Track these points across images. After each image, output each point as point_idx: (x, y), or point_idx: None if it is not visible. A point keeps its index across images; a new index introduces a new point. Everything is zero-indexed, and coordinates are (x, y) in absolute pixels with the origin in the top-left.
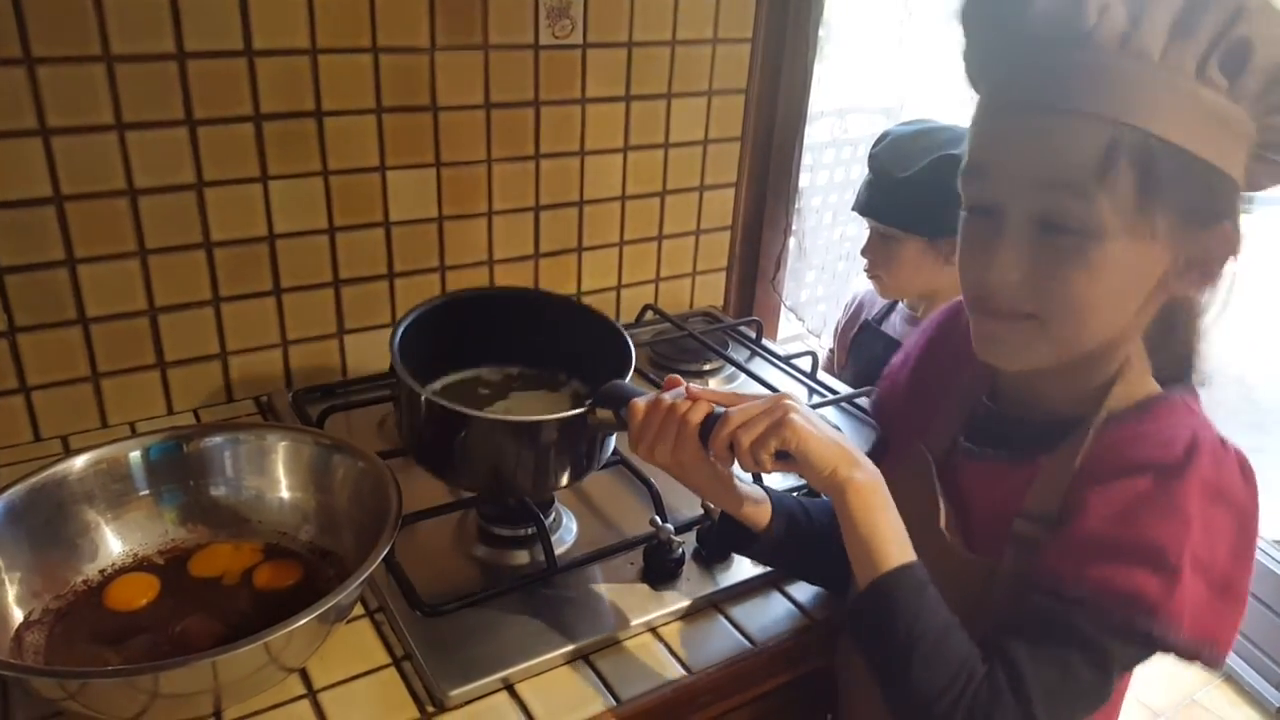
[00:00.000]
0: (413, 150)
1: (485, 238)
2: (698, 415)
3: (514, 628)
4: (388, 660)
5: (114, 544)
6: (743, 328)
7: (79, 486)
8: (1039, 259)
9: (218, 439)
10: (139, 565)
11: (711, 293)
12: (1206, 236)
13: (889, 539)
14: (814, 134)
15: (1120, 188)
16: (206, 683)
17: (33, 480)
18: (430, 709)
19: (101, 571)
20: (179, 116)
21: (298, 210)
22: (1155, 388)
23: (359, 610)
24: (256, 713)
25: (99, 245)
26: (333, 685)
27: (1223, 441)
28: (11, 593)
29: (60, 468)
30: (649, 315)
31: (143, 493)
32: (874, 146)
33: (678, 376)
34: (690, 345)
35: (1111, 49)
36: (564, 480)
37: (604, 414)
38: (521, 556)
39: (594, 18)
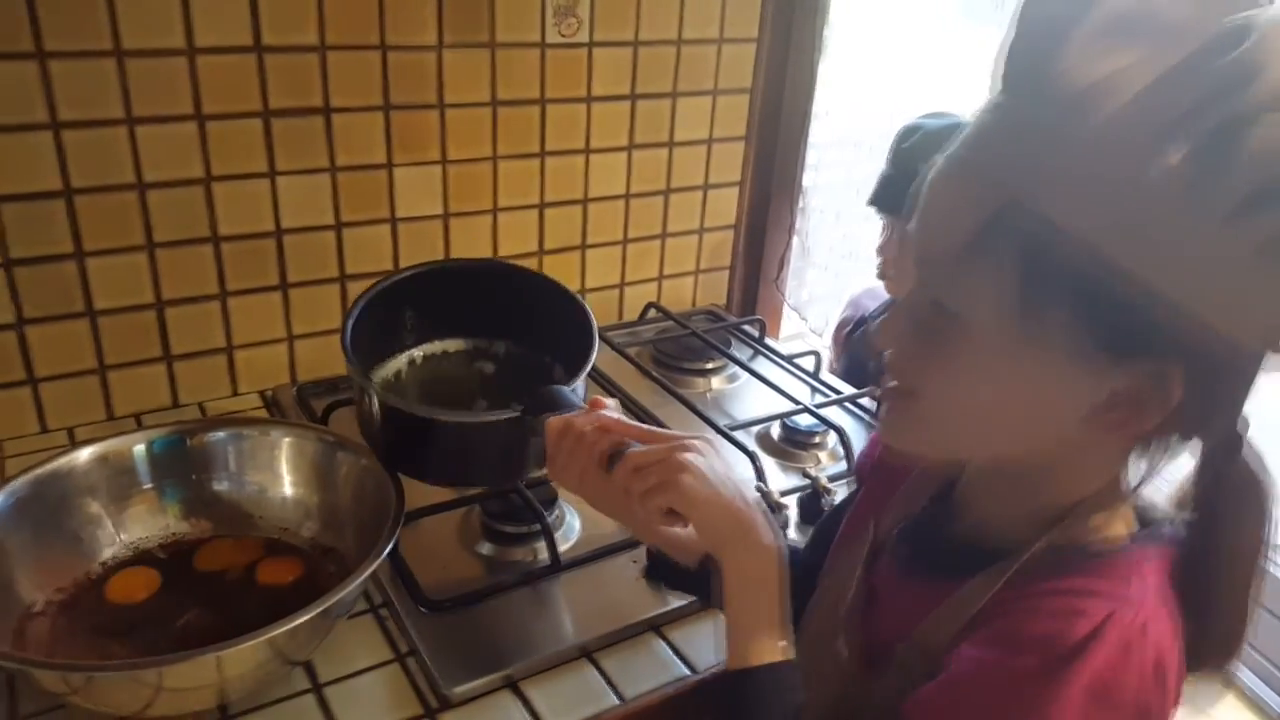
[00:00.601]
0: (419, 147)
1: (490, 234)
2: (602, 447)
3: (518, 625)
4: (392, 656)
5: (116, 537)
6: (746, 327)
7: (83, 479)
8: (924, 333)
9: (221, 434)
10: (140, 559)
11: (714, 291)
12: (1125, 373)
13: (758, 630)
14: (818, 133)
15: (994, 273)
16: (211, 677)
17: (37, 472)
18: (434, 705)
19: (103, 564)
20: (189, 111)
21: (305, 205)
22: (1121, 532)
23: (363, 605)
24: (262, 707)
25: (107, 238)
26: (337, 680)
27: (1145, 629)
28: (15, 584)
29: (65, 460)
30: (652, 313)
31: (146, 486)
32: (902, 141)
33: (601, 399)
34: (693, 344)
35: (1082, 121)
36: (530, 470)
37: (538, 420)
38: (525, 553)
39: (600, 17)
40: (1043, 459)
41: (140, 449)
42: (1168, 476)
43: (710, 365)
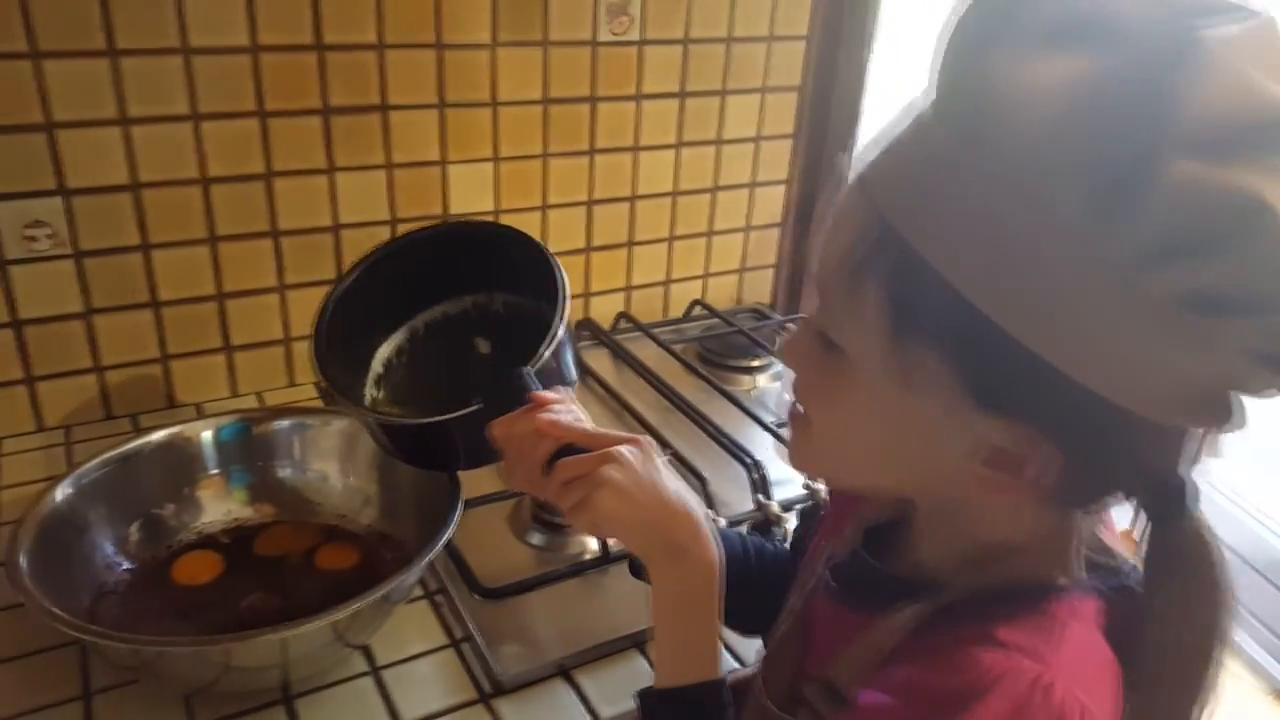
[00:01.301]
0: (472, 145)
1: (539, 230)
2: (540, 455)
3: (569, 615)
4: (447, 641)
5: (182, 520)
6: (791, 324)
7: (152, 463)
8: (816, 355)
9: (285, 423)
10: (205, 542)
11: (759, 289)
12: (992, 425)
13: (686, 647)
14: (868, 131)
15: (869, 308)
16: (275, 657)
17: (109, 455)
18: (489, 690)
19: (168, 547)
20: (252, 108)
21: (362, 202)
22: (1045, 572)
23: (418, 591)
24: (322, 688)
25: (172, 231)
26: (394, 664)
27: (1049, 689)
28: (86, 564)
29: (135, 445)
30: (697, 310)
31: (213, 472)
32: None
33: (545, 395)
34: (739, 341)
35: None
36: None
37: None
38: (575, 545)
39: (652, 14)
40: (964, 498)
41: (208, 435)
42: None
43: (756, 363)
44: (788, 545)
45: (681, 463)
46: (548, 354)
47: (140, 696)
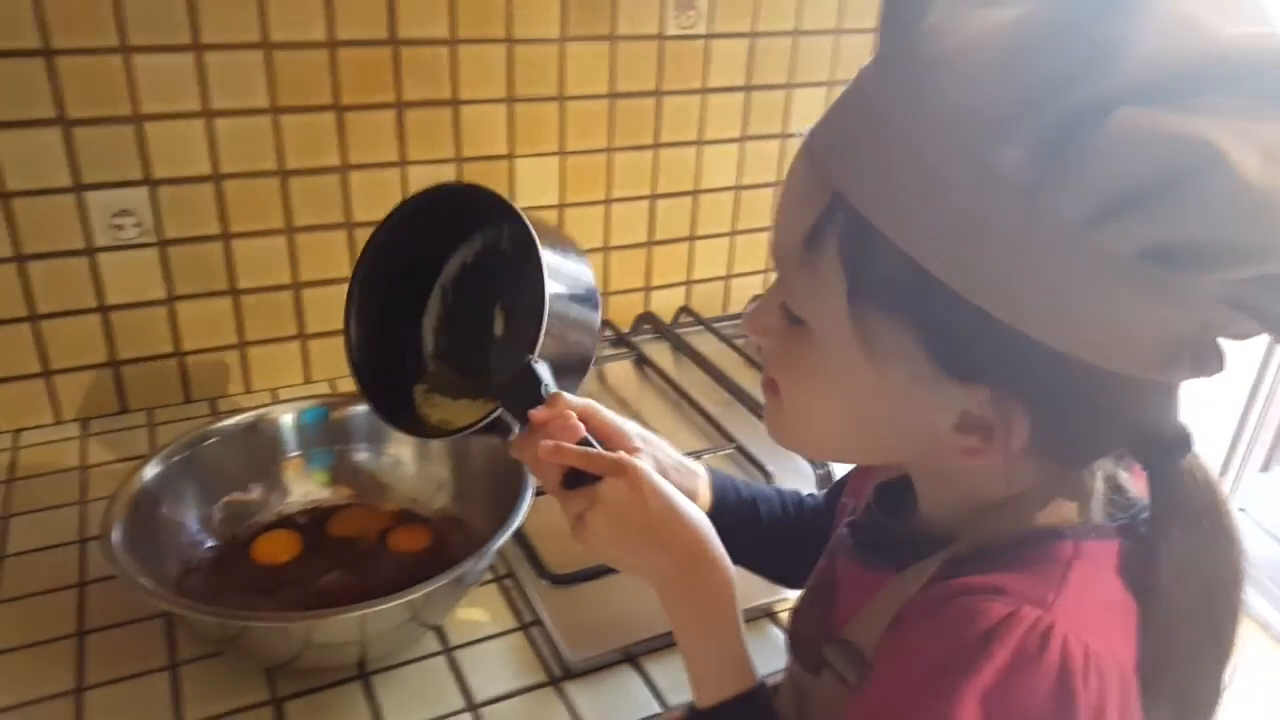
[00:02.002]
0: (539, 139)
1: (602, 224)
2: (551, 479)
3: (636, 602)
4: (516, 625)
5: (263, 501)
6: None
7: (236, 445)
8: (781, 329)
9: (363, 408)
10: (283, 522)
11: None
12: (959, 391)
13: (716, 666)
14: None
15: (827, 278)
16: (354, 634)
17: (194, 436)
18: (558, 674)
19: (249, 526)
20: (328, 102)
21: None
22: (1053, 519)
23: (488, 575)
24: (397, 666)
25: (251, 221)
26: (466, 644)
27: (1047, 634)
28: (174, 540)
29: (219, 426)
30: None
31: (293, 454)
32: None
33: (539, 414)
34: None
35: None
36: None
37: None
38: None
39: (719, 8)
40: (945, 466)
41: (289, 419)
42: None
43: None
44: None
45: (745, 457)
46: (546, 339)
47: (223, 669)
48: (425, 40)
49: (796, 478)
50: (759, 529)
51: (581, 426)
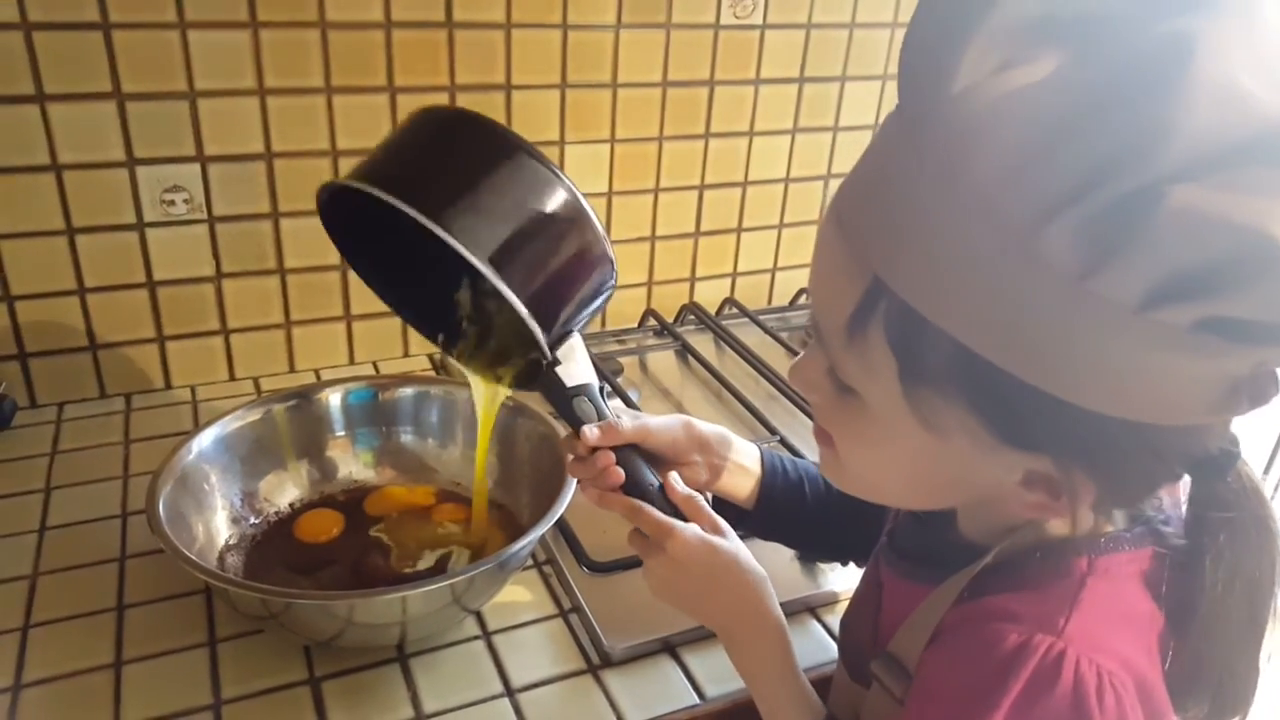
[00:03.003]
0: (591, 125)
1: (650, 213)
2: (618, 480)
3: None
4: (555, 611)
5: (307, 480)
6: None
7: (282, 423)
8: (830, 391)
9: (409, 390)
10: (325, 501)
11: None
12: (1023, 458)
13: (782, 709)
14: None
15: (876, 356)
16: (396, 615)
17: (241, 412)
18: (597, 661)
19: (292, 505)
20: (382, 83)
21: None
22: (1082, 535)
23: (529, 562)
24: (436, 649)
25: (300, 201)
26: (505, 629)
27: (1060, 658)
28: (217, 517)
29: (266, 404)
30: (804, 299)
31: (339, 434)
32: None
33: (572, 465)
34: None
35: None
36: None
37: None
38: None
39: None
40: (995, 501)
41: (336, 399)
42: None
43: None
44: None
45: (788, 449)
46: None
47: (264, 646)
48: (480, 24)
49: None
50: (806, 509)
51: (620, 474)
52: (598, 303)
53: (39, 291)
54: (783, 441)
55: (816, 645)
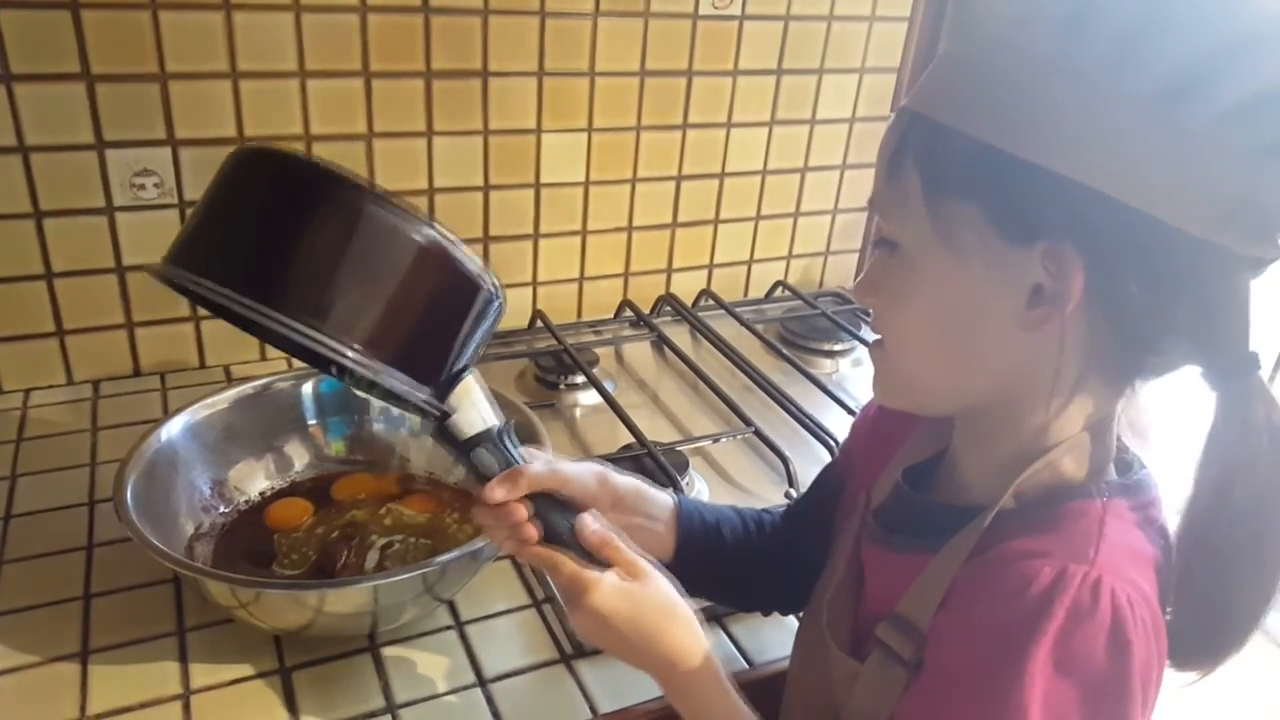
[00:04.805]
0: (568, 114)
1: (627, 204)
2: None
3: None
4: (529, 602)
5: (276, 468)
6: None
7: (253, 411)
8: (881, 266)
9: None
10: (295, 489)
11: (843, 273)
12: (1023, 257)
13: None
14: None
15: (908, 186)
16: (367, 604)
17: (208, 401)
18: (570, 652)
19: (262, 493)
20: (357, 68)
21: (457, 166)
22: (1078, 475)
23: (501, 552)
24: (408, 638)
25: None
26: (478, 619)
27: (1096, 588)
28: (185, 506)
29: (234, 392)
30: (780, 292)
31: (311, 422)
32: None
33: (492, 495)
34: (821, 324)
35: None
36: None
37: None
38: None
39: None
40: (1011, 400)
41: (308, 387)
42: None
43: (838, 347)
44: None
45: (763, 440)
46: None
47: (233, 636)
48: (458, 9)
49: (814, 466)
50: (726, 552)
51: (534, 532)
52: (482, 333)
53: (5, 276)
54: (758, 433)
55: (726, 655)
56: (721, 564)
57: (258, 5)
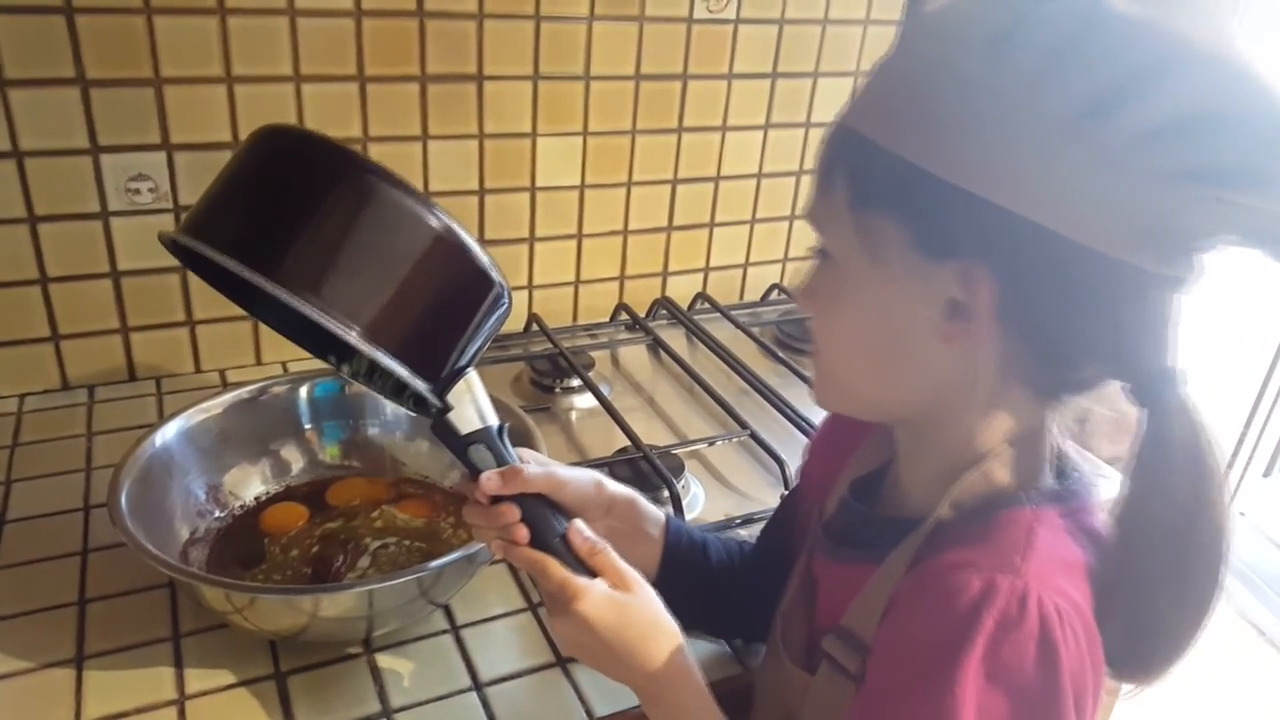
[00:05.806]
0: (563, 118)
1: (623, 208)
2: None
3: None
4: (524, 605)
5: (271, 472)
6: None
7: (248, 416)
8: (815, 278)
9: None
10: (290, 494)
11: None
12: (939, 272)
13: None
14: None
15: (837, 198)
16: (362, 609)
17: (203, 406)
18: (565, 656)
19: (257, 498)
20: (352, 72)
21: (452, 170)
22: (1011, 485)
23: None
24: (404, 643)
25: None
26: (473, 623)
27: (1024, 600)
28: (179, 511)
29: (229, 396)
30: (775, 295)
31: (306, 427)
32: None
33: (484, 490)
34: None
35: (920, 53)
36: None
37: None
38: None
39: None
40: (941, 412)
41: (303, 392)
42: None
43: None
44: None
45: (758, 443)
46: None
47: (228, 641)
48: (453, 13)
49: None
50: (710, 575)
51: (525, 533)
52: (488, 331)
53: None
54: (753, 436)
55: (723, 657)
56: (703, 583)
57: (252, 10)
